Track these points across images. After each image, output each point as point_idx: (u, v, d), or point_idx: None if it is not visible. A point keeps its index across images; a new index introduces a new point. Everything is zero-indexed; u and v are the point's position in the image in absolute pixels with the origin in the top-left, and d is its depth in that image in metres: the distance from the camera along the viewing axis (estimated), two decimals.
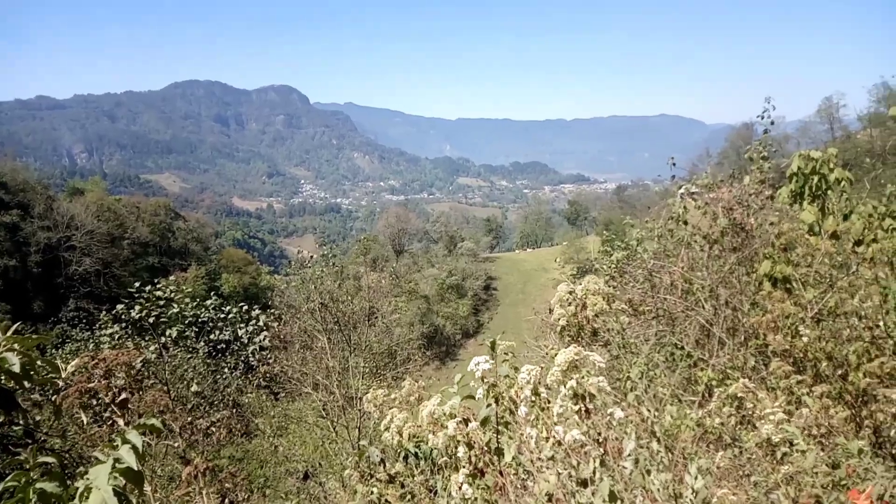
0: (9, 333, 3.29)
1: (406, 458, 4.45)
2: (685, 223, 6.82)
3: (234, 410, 13.09)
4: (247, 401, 15.19)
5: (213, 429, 9.25)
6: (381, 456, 4.53)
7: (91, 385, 3.77)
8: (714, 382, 5.11)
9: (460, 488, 3.30)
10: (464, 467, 3.37)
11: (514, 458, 3.25)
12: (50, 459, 2.49)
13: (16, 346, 3.28)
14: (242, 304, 17.15)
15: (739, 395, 4.12)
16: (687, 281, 6.79)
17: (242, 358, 15.96)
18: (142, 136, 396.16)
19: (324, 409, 13.56)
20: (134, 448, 2.34)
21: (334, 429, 12.88)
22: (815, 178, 5.79)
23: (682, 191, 7.35)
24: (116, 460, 2.28)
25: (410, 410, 4.95)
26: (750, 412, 3.96)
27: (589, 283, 4.25)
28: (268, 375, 16.31)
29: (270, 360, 15.66)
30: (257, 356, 15.85)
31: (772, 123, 9.86)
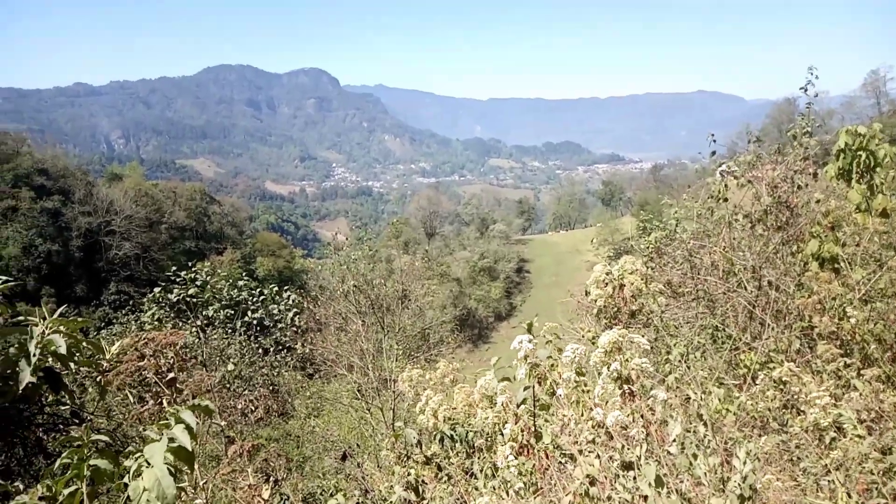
0: (54, 316, 3.37)
1: (442, 440, 4.45)
2: (725, 201, 6.62)
3: (271, 390, 13.34)
4: (282, 381, 15.46)
5: (253, 407, 9.43)
6: (417, 438, 4.54)
7: (141, 364, 3.85)
8: (757, 366, 4.98)
9: (506, 461, 3.28)
10: (511, 442, 3.35)
11: (552, 441, 3.21)
12: (103, 437, 2.55)
13: (61, 328, 3.36)
14: (273, 285, 17.45)
15: (784, 378, 4.00)
16: (728, 261, 6.62)
17: (276, 338, 16.25)
18: (176, 121, 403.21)
19: (358, 391, 13.72)
20: (188, 428, 2.37)
21: (369, 410, 13.02)
22: (863, 155, 5.54)
23: (722, 168, 7.13)
24: (171, 439, 2.32)
25: (445, 392, 4.95)
26: (796, 396, 3.85)
27: (626, 264, 4.15)
28: (303, 357, 16.58)
29: (306, 342, 15.90)
30: (290, 336, 16.12)
31: (815, 96, 9.46)
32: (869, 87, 65.58)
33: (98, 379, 3.63)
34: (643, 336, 3.01)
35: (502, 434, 3.82)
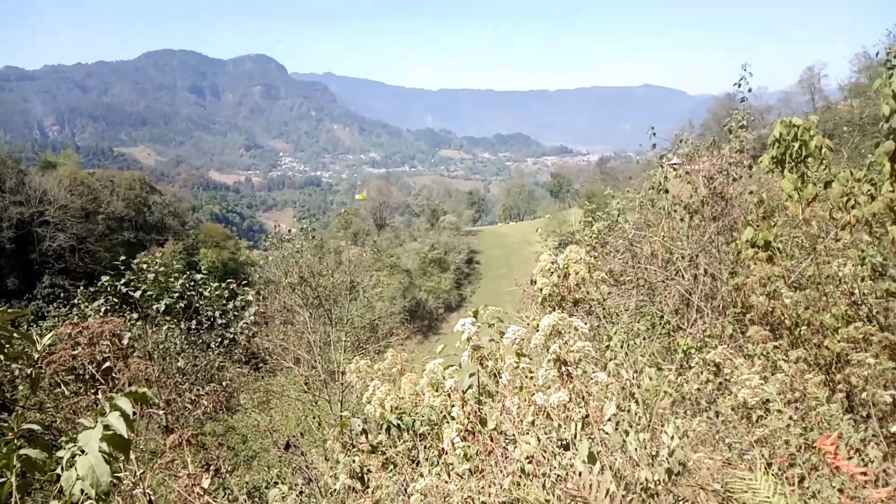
0: None
1: (388, 429, 4.46)
2: (667, 192, 6.85)
3: (219, 385, 13.04)
4: (228, 376, 15.15)
5: (203, 401, 9.21)
6: (363, 426, 4.54)
7: (75, 353, 3.70)
8: (692, 350, 5.18)
9: (453, 444, 3.32)
10: (457, 426, 3.39)
11: (496, 427, 3.27)
12: (34, 426, 2.45)
13: None
14: (229, 280, 17.01)
15: (717, 361, 4.18)
16: (667, 250, 6.85)
17: (228, 333, 15.88)
18: (115, 107, 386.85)
19: (306, 384, 13.58)
20: (124, 415, 2.29)
21: (316, 402, 12.91)
22: (797, 145, 5.82)
23: (662, 160, 7.36)
24: (106, 426, 2.24)
25: (393, 382, 4.96)
26: (727, 378, 4.03)
27: (571, 253, 4.24)
28: (249, 351, 16.27)
29: (252, 336, 15.61)
30: (243, 332, 15.78)
31: (749, 90, 9.84)
32: (805, 83, 68.59)
33: (30, 372, 3.47)
34: (585, 323, 3.10)
35: (448, 420, 3.86)
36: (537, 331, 2.97)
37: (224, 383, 13.87)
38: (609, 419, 2.40)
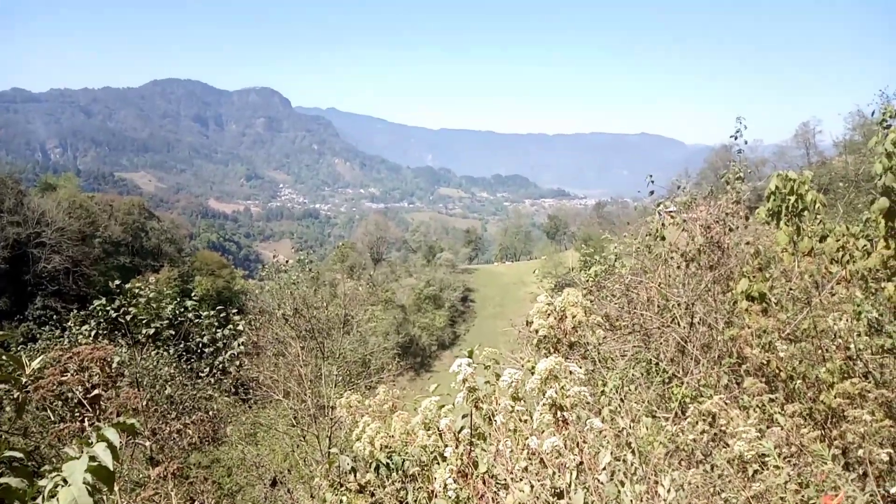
0: None
1: (377, 468, 4.37)
2: (663, 239, 6.89)
3: (207, 415, 12.82)
4: (216, 407, 14.91)
5: (189, 430, 9.05)
6: (351, 465, 4.45)
7: (64, 378, 3.64)
8: (688, 399, 5.14)
9: (445, 486, 3.25)
10: (450, 466, 3.32)
11: (487, 470, 3.22)
12: (16, 454, 2.39)
13: None
14: (221, 307, 16.88)
15: (713, 410, 4.14)
16: (664, 297, 6.85)
17: (217, 363, 15.68)
18: (118, 133, 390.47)
19: (294, 418, 13.37)
20: (111, 446, 2.25)
21: (304, 437, 12.69)
22: (792, 198, 5.89)
23: (660, 207, 7.43)
24: (91, 457, 2.20)
25: (383, 420, 4.89)
26: (723, 429, 3.99)
27: (569, 296, 4.24)
28: (238, 381, 16.04)
29: (243, 366, 15.41)
30: (234, 361, 15.59)
31: (745, 142, 10.02)
32: (800, 138, 69.67)
33: (16, 396, 3.41)
34: (580, 367, 3.08)
35: (439, 461, 3.79)
36: (533, 374, 2.95)
37: (211, 413, 13.64)
38: (604, 468, 2.36)
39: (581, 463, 2.42)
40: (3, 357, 3.48)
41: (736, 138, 9.99)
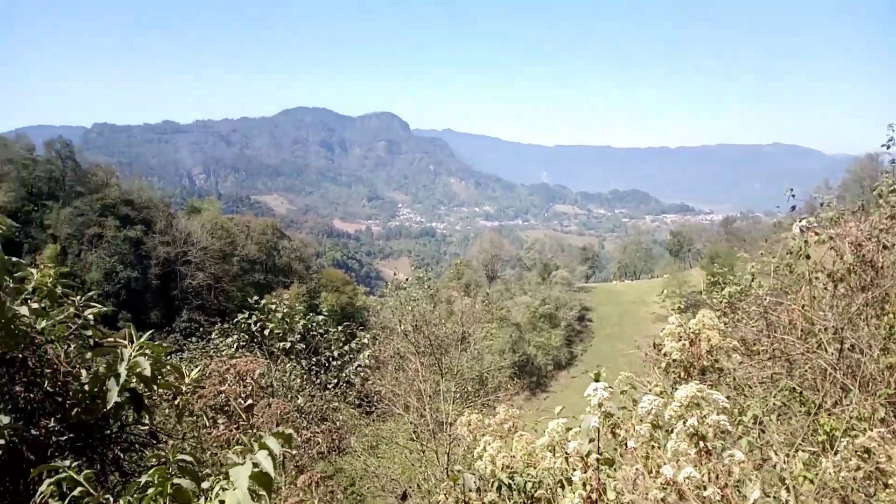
0: (143, 339, 3.57)
1: (500, 488, 4.37)
2: (807, 257, 6.36)
3: (333, 425, 13.46)
4: (341, 418, 15.58)
5: (319, 439, 9.53)
6: (477, 483, 4.48)
7: (222, 389, 3.99)
8: (838, 432, 4.68)
9: None
10: (578, 491, 3.26)
11: (617, 497, 3.11)
12: (187, 458, 2.66)
13: (147, 351, 3.56)
14: (346, 322, 17.77)
15: (870, 446, 3.74)
16: (808, 321, 6.31)
17: (343, 375, 16.46)
18: (254, 159, 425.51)
19: (414, 432, 13.64)
20: (272, 454, 2.44)
21: (423, 452, 12.90)
22: None
23: (802, 223, 6.87)
24: (255, 464, 2.39)
25: (504, 439, 4.88)
26: (880, 467, 3.59)
27: (704, 318, 4.03)
28: (362, 393, 16.67)
29: (367, 379, 16.00)
30: (359, 374, 16.30)
31: None
32: None
33: (177, 402, 3.78)
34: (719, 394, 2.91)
35: (564, 486, 3.72)
36: (672, 400, 2.83)
37: (337, 423, 14.26)
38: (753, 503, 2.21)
39: (724, 497, 2.29)
40: (168, 367, 3.88)
41: (888, 147, 9.06)
